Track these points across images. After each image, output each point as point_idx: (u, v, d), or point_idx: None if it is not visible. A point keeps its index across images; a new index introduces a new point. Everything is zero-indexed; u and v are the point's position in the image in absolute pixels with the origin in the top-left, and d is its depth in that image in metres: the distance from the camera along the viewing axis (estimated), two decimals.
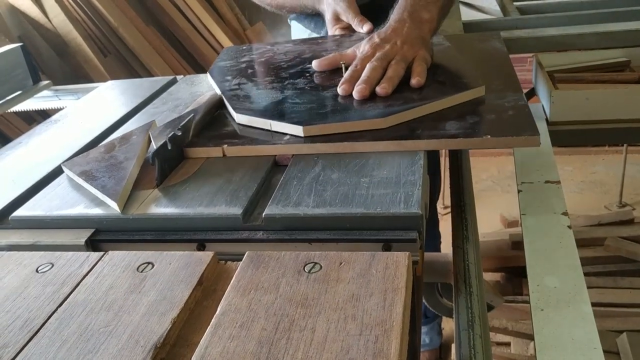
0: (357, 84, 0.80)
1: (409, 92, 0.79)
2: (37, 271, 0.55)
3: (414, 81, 0.80)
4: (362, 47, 0.89)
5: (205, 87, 1.03)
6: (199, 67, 2.96)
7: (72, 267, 0.55)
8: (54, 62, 2.36)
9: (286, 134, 0.74)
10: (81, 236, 0.62)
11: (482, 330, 0.60)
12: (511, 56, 0.99)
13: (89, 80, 2.36)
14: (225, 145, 0.73)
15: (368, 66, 0.82)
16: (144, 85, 1.10)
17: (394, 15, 0.92)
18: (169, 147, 0.70)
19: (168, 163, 0.71)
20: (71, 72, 2.41)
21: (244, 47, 1.16)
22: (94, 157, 0.73)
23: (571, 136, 1.12)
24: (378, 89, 0.79)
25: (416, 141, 0.69)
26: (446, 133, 0.69)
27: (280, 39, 3.33)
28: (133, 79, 1.23)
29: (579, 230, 2.06)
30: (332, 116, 0.75)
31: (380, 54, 0.84)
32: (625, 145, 2.33)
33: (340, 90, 0.81)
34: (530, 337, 1.62)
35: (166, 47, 2.80)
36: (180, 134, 0.73)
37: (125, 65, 2.61)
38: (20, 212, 0.67)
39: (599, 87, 1.21)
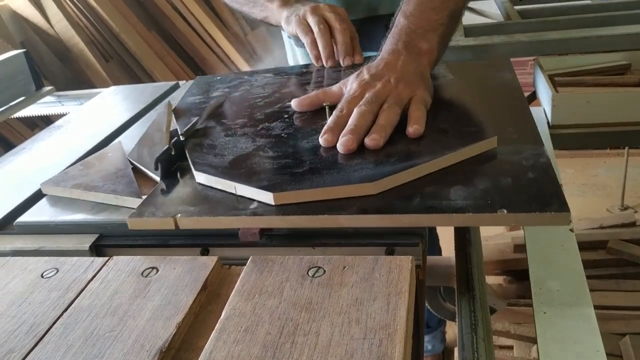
0: (342, 134, 0.66)
1: (404, 144, 0.65)
2: (42, 276, 0.55)
3: (411, 130, 0.66)
4: (350, 85, 0.75)
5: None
6: (201, 72, 2.97)
7: (76, 272, 0.55)
8: (56, 68, 2.37)
9: (253, 200, 0.59)
10: (85, 241, 0.62)
11: (485, 333, 0.60)
12: (512, 60, 0.98)
13: (91, 85, 2.37)
14: (179, 215, 0.58)
15: (355, 111, 0.68)
16: (147, 91, 1.10)
17: (387, 46, 0.78)
18: (173, 153, 0.71)
19: (172, 168, 0.71)
20: (73, 77, 2.42)
21: (218, 78, 1.02)
22: (77, 173, 0.73)
23: (572, 139, 1.13)
24: (367, 141, 0.65)
25: (414, 216, 0.54)
26: (451, 205, 0.54)
27: (281, 44, 3.33)
28: (135, 84, 1.23)
29: (580, 233, 2.05)
30: (310, 178, 0.60)
31: (370, 95, 0.70)
32: (626, 148, 2.33)
33: (322, 141, 0.67)
34: (533, 340, 1.62)
35: (168, 52, 2.81)
36: (183, 139, 0.74)
37: (127, 70, 2.62)
38: (25, 217, 0.67)
39: (600, 90, 1.22)
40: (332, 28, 0.93)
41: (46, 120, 2.03)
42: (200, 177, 0.64)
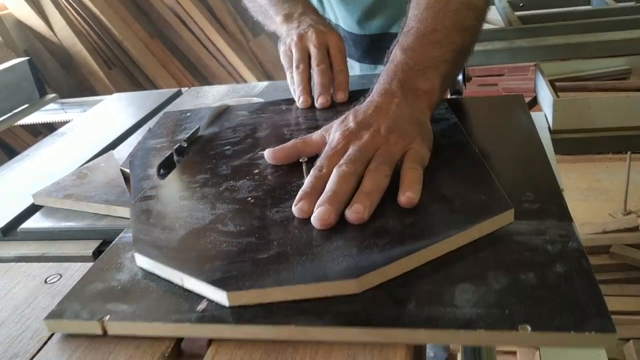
0: (317, 203, 0.52)
1: (395, 217, 0.51)
2: (45, 282, 0.55)
3: (403, 199, 0.52)
4: (332, 134, 0.61)
5: (210, 99, 1.04)
6: (203, 79, 2.98)
7: (80, 277, 0.55)
8: (59, 75, 2.38)
9: (203, 298, 0.46)
10: (89, 247, 0.63)
11: None
12: (513, 65, 0.98)
13: (94, 92, 2.38)
14: (107, 317, 0.45)
15: (335, 173, 0.55)
16: (150, 98, 1.11)
17: (379, 85, 0.66)
18: (175, 159, 0.71)
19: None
20: (76, 84, 2.44)
21: (188, 114, 0.88)
22: (69, 184, 0.73)
23: (574, 144, 1.13)
24: (348, 214, 0.51)
25: (411, 331, 0.40)
26: (456, 317, 0.40)
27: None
28: (138, 91, 1.24)
29: (583, 238, 2.05)
30: (276, 269, 0.46)
31: (353, 151, 0.57)
32: (629, 152, 2.33)
33: (295, 210, 0.53)
34: (536, 346, 1.62)
35: (170, 60, 2.83)
36: (185, 145, 0.74)
37: (130, 77, 2.63)
38: (28, 223, 0.67)
39: (601, 95, 1.22)
40: (312, 67, 0.83)
41: (49, 128, 2.04)
42: (142, 261, 0.51)
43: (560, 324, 0.39)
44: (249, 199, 0.58)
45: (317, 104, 0.81)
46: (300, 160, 0.63)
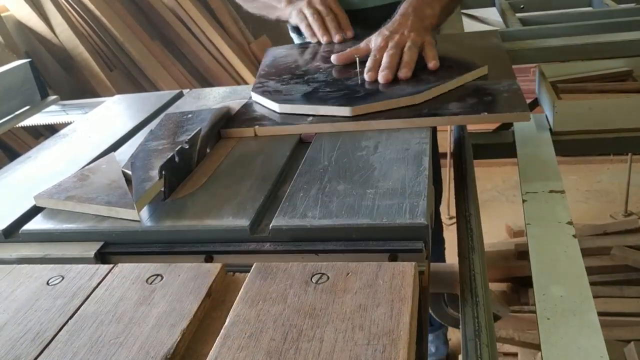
0: (379, 70, 0.92)
1: (425, 75, 0.92)
2: (47, 284, 0.55)
3: (431, 64, 0.94)
4: (374, 41, 0.99)
5: (211, 100, 1.04)
6: (204, 81, 2.98)
7: (82, 279, 0.55)
8: (60, 77, 2.38)
9: (313, 115, 0.85)
10: (90, 249, 0.63)
11: (488, 339, 0.60)
12: (514, 67, 0.99)
13: (95, 94, 2.38)
14: (256, 126, 0.84)
15: (386, 54, 0.93)
16: (151, 100, 1.11)
17: (400, 10, 1.03)
18: (177, 160, 0.71)
19: (175, 176, 0.71)
20: (77, 86, 2.43)
21: (189, 115, 0.95)
22: (70, 185, 0.73)
23: (575, 146, 1.13)
24: (400, 74, 0.91)
25: (424, 119, 0.80)
26: (449, 111, 0.81)
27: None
28: (139, 93, 1.24)
29: (584, 240, 2.05)
30: (369, 98, 0.86)
31: (392, 44, 0.95)
32: (629, 154, 2.33)
33: (367, 77, 0.93)
34: (538, 348, 1.61)
35: (171, 61, 2.82)
36: (187, 147, 0.74)
37: (131, 79, 2.63)
38: (30, 225, 0.67)
39: (602, 96, 1.22)
40: (323, 17, 1.16)
41: (50, 129, 2.04)
42: (285, 108, 0.88)
43: (502, 111, 0.80)
44: (329, 79, 0.97)
45: (336, 40, 1.16)
46: (355, 56, 0.98)
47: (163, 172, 0.68)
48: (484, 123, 0.81)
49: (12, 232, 0.68)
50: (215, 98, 1.05)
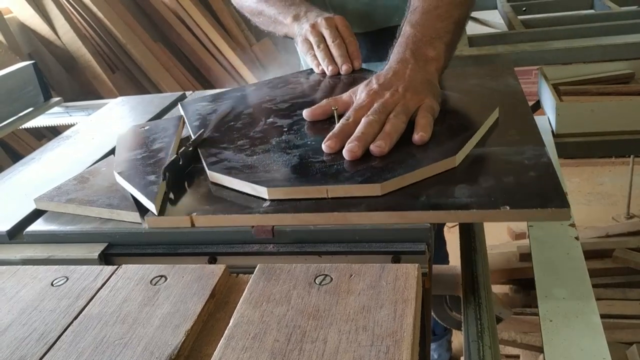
0: (348, 141, 0.68)
1: (408, 151, 0.67)
2: (52, 285, 0.56)
3: (417, 137, 0.68)
4: (358, 94, 0.77)
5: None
6: (207, 83, 2.98)
7: (86, 280, 0.55)
8: (63, 79, 2.39)
9: (265, 199, 0.63)
10: (94, 250, 0.63)
11: (491, 341, 0.60)
12: (516, 69, 0.99)
13: (98, 96, 2.39)
14: (194, 214, 0.62)
15: (363, 121, 0.70)
16: (154, 102, 1.11)
17: (395, 55, 0.81)
18: (180, 162, 0.72)
19: (178, 178, 0.72)
20: (80, 88, 2.44)
21: (147, 127, 0.91)
22: (71, 188, 0.73)
23: (577, 148, 1.13)
24: (372, 148, 0.67)
25: (421, 213, 0.57)
26: (456, 203, 0.57)
27: (285, 54, 3.36)
28: (142, 95, 1.24)
29: (586, 242, 2.05)
30: (312, 178, 0.64)
31: (378, 106, 0.72)
32: (632, 156, 2.33)
33: (324, 147, 0.69)
34: (540, 350, 1.61)
35: (174, 63, 2.83)
36: (191, 148, 0.75)
37: (134, 81, 2.64)
38: (34, 226, 0.68)
39: (604, 99, 1.22)
40: (329, 44, 1.00)
41: (53, 131, 2.05)
42: (277, 193, 0.63)
43: (530, 204, 0.56)
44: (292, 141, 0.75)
45: (343, 71, 0.98)
46: (333, 109, 0.77)
47: (166, 174, 0.69)
48: (505, 221, 0.60)
49: (17, 234, 0.68)
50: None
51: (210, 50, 3.00)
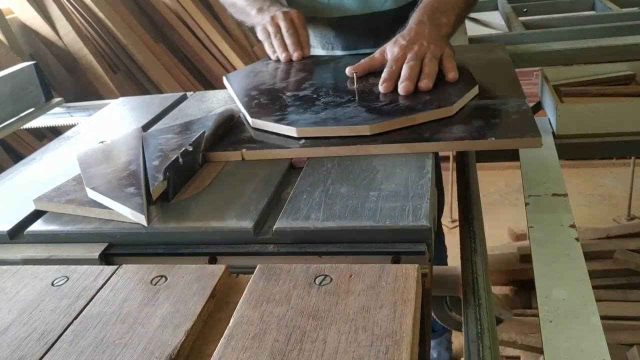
0: (400, 81, 0.88)
1: (412, 97, 0.86)
2: (52, 284, 0.56)
3: (451, 76, 0.89)
4: (390, 50, 0.95)
5: (215, 104, 1.04)
6: (208, 84, 2.98)
7: (86, 280, 0.56)
8: (64, 79, 2.39)
9: (301, 138, 0.78)
10: (95, 250, 0.63)
11: (491, 342, 0.60)
12: (517, 70, 1.00)
13: (99, 96, 2.39)
14: (244, 150, 0.77)
15: (406, 66, 0.89)
16: (155, 102, 1.12)
17: (415, 18, 0.99)
18: (181, 162, 0.72)
19: (179, 178, 0.72)
20: (81, 88, 2.44)
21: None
22: (70, 189, 0.73)
23: (578, 149, 1.13)
24: (421, 84, 0.87)
25: (426, 144, 0.73)
26: (453, 136, 0.73)
27: None
28: (143, 95, 1.25)
29: (587, 243, 2.05)
30: (391, 114, 0.80)
31: (412, 55, 0.91)
32: (632, 158, 2.33)
33: (382, 88, 0.89)
34: (540, 351, 1.61)
35: (175, 64, 2.83)
36: (191, 149, 0.75)
37: (135, 81, 2.64)
38: (35, 227, 0.68)
39: (605, 100, 1.22)
40: (283, 33, 1.13)
41: (54, 131, 2.04)
42: (305, 131, 0.79)
43: (511, 136, 0.73)
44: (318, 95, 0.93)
45: (294, 58, 1.13)
46: (352, 72, 0.95)
47: (167, 174, 0.69)
48: (491, 148, 0.73)
49: (17, 234, 0.68)
50: (219, 101, 1.05)
51: (211, 51, 3.00)
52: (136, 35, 2.64)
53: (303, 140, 0.78)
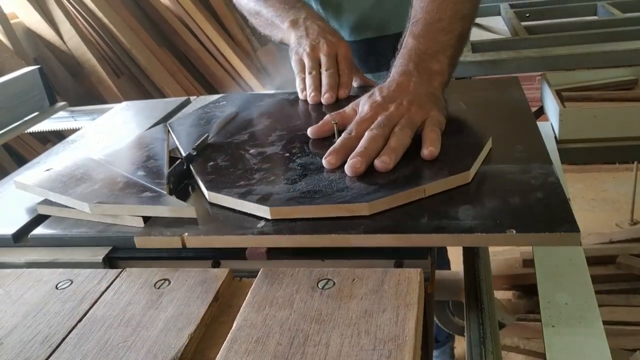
0: (351, 156, 0.65)
1: (413, 166, 0.65)
2: (56, 288, 0.56)
3: (427, 152, 0.65)
4: (361, 107, 0.74)
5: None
6: (211, 88, 2.99)
7: (90, 283, 0.56)
8: (68, 83, 2.40)
9: (261, 218, 0.60)
10: (98, 254, 0.63)
11: (493, 346, 0.61)
12: (519, 75, 0.99)
13: (103, 100, 2.40)
14: (186, 234, 0.60)
15: (367, 135, 0.67)
16: (159, 106, 1.12)
17: (398, 67, 0.77)
18: (185, 167, 0.72)
19: (182, 182, 0.72)
20: (85, 92, 2.45)
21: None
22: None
23: (580, 154, 1.13)
24: (377, 163, 0.64)
25: (424, 236, 0.54)
26: (459, 225, 0.54)
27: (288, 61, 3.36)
28: (147, 99, 1.25)
29: (590, 248, 2.05)
30: (312, 197, 0.60)
31: (382, 119, 0.69)
32: (635, 162, 2.33)
33: (325, 162, 0.66)
34: (543, 356, 1.61)
35: (178, 68, 2.84)
36: (195, 153, 0.75)
37: (138, 85, 2.65)
38: (39, 230, 0.68)
39: (607, 105, 1.22)
40: (322, 71, 0.93)
41: (58, 135, 2.05)
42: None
43: (538, 228, 0.52)
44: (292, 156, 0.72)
45: (324, 100, 0.91)
46: (332, 122, 0.74)
47: (171, 178, 0.69)
48: (511, 245, 0.56)
49: (21, 237, 0.69)
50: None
51: (214, 56, 3.01)
52: (140, 40, 2.65)
53: (263, 222, 0.59)
